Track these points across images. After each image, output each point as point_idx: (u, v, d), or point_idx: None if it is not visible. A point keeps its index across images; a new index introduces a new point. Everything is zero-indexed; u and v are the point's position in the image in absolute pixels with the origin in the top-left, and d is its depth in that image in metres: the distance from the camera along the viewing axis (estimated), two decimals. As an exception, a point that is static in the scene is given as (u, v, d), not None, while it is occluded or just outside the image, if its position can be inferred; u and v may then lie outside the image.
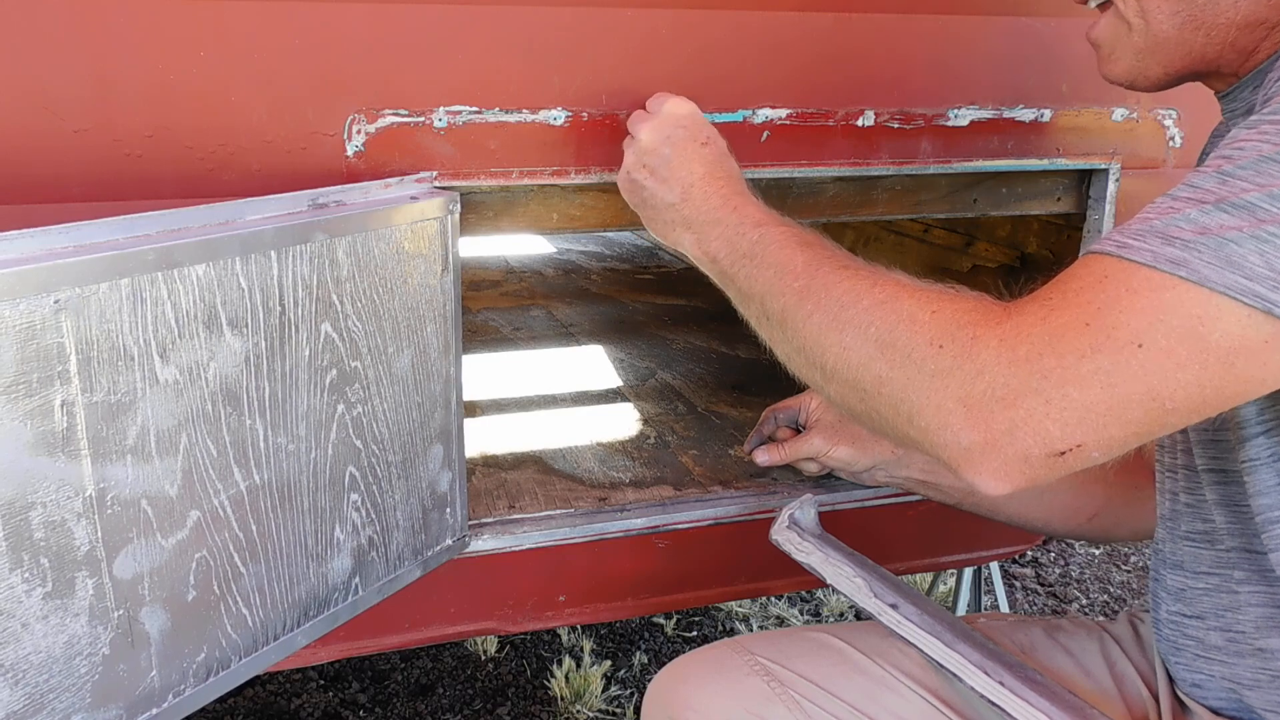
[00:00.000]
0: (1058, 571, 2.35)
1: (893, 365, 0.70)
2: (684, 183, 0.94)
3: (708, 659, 0.94)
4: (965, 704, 0.87)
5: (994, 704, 0.82)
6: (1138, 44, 0.81)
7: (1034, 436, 0.63)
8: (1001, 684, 0.82)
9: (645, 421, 1.65)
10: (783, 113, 1.15)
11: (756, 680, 0.89)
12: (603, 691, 1.83)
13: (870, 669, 0.90)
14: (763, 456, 1.25)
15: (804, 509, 1.05)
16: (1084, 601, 2.24)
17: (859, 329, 0.73)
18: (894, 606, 0.91)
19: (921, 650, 0.88)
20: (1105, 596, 2.26)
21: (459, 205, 1.03)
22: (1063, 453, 0.63)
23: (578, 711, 1.78)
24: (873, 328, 0.72)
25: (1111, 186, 1.31)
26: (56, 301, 0.71)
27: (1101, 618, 1.02)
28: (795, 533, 1.03)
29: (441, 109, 1.03)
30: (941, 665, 0.86)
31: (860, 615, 2.11)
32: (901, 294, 0.74)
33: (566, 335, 2.21)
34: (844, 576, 0.97)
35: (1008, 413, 0.63)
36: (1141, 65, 0.83)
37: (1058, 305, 0.65)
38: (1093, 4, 0.86)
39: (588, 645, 1.95)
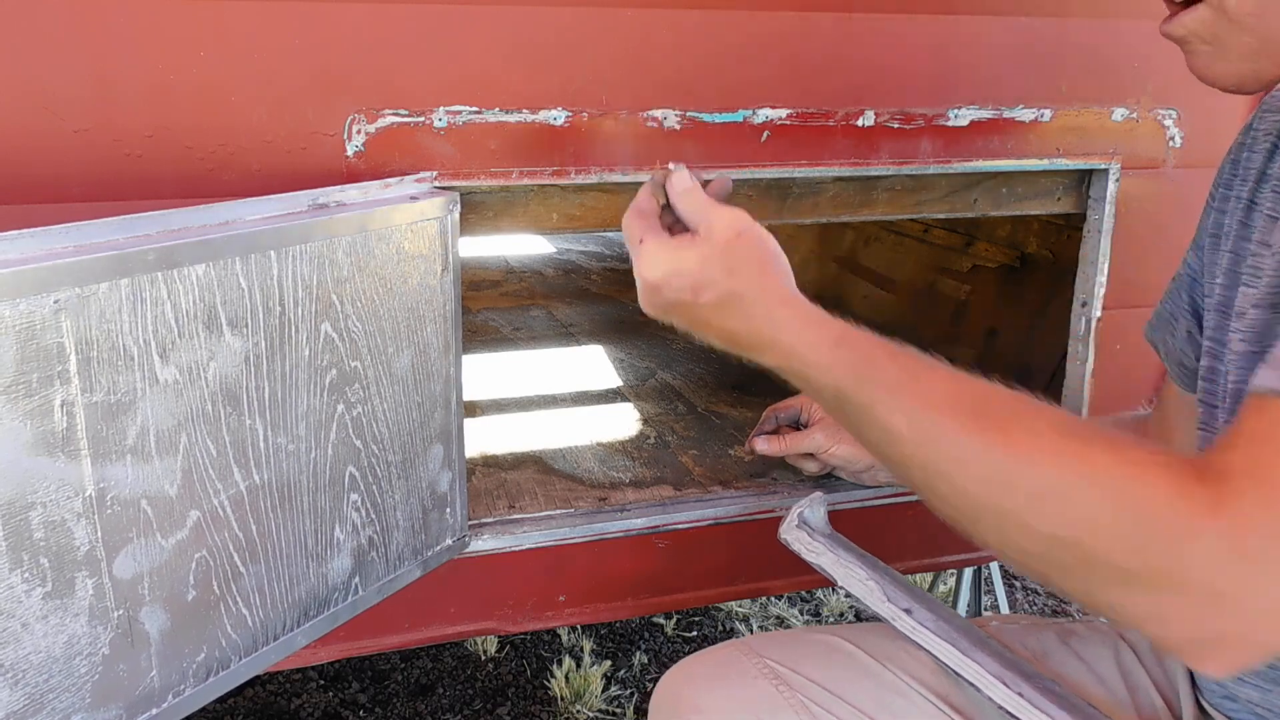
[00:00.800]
0: (1058, 571, 2.35)
1: (1081, 566, 0.58)
2: (722, 340, 0.77)
3: (715, 661, 0.92)
4: (975, 710, 0.86)
5: (1012, 715, 0.80)
6: (1251, 45, 0.70)
7: (1274, 631, 0.56)
8: (1020, 695, 0.80)
9: (645, 421, 1.65)
10: (783, 113, 1.15)
11: (765, 684, 0.87)
12: (603, 691, 1.83)
13: (880, 673, 0.89)
14: (763, 445, 1.25)
15: (814, 508, 1.03)
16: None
17: (1022, 529, 0.60)
18: (908, 611, 0.89)
19: (937, 658, 0.86)
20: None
21: (459, 205, 1.03)
22: None
23: (578, 711, 1.78)
24: (1043, 526, 0.59)
25: (1111, 186, 1.31)
26: (56, 301, 0.71)
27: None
28: (805, 532, 1.01)
29: (441, 109, 1.03)
30: (958, 674, 0.84)
31: (861, 616, 2.11)
32: (1063, 479, 0.58)
33: (566, 335, 2.21)
34: (856, 580, 0.94)
35: (1241, 610, 0.55)
36: (1256, 68, 0.71)
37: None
38: None
39: (588, 645, 1.95)
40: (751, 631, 2.04)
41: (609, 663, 1.91)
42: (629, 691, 1.85)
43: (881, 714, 0.86)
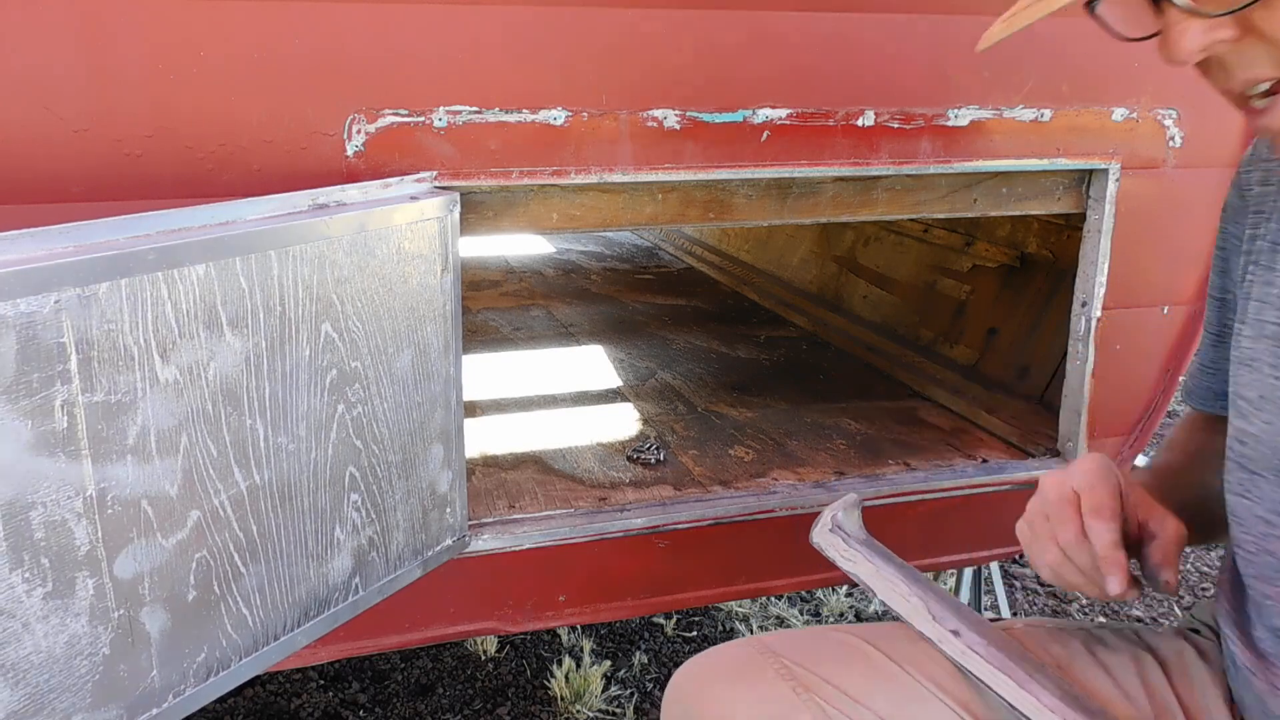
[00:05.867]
0: (1058, 571, 2.35)
1: None
2: None
3: (732, 659, 0.89)
4: (994, 716, 0.84)
5: None
6: None
7: None
8: None
9: (645, 421, 1.65)
10: (783, 113, 1.15)
11: (783, 685, 0.83)
12: (603, 691, 1.83)
13: (899, 677, 0.85)
14: (1168, 575, 0.79)
15: (848, 511, 0.95)
16: (1083, 601, 2.23)
17: None
18: (956, 634, 0.84)
19: (988, 686, 0.81)
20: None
21: (459, 205, 1.03)
22: None
23: (578, 711, 1.78)
24: None
25: (1111, 186, 1.31)
26: (57, 301, 0.71)
27: (1141, 626, 0.96)
28: (840, 538, 0.93)
29: (441, 109, 1.03)
30: (1013, 707, 0.79)
31: (861, 616, 2.11)
32: None
33: (566, 335, 2.21)
34: (898, 595, 0.87)
35: None
36: None
37: None
38: (1255, 92, 0.64)
39: (588, 645, 1.95)
40: (752, 632, 2.04)
41: (609, 663, 1.91)
42: (629, 691, 1.85)
43: (899, 718, 0.82)
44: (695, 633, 2.05)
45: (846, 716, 0.82)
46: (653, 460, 1.46)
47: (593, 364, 2.00)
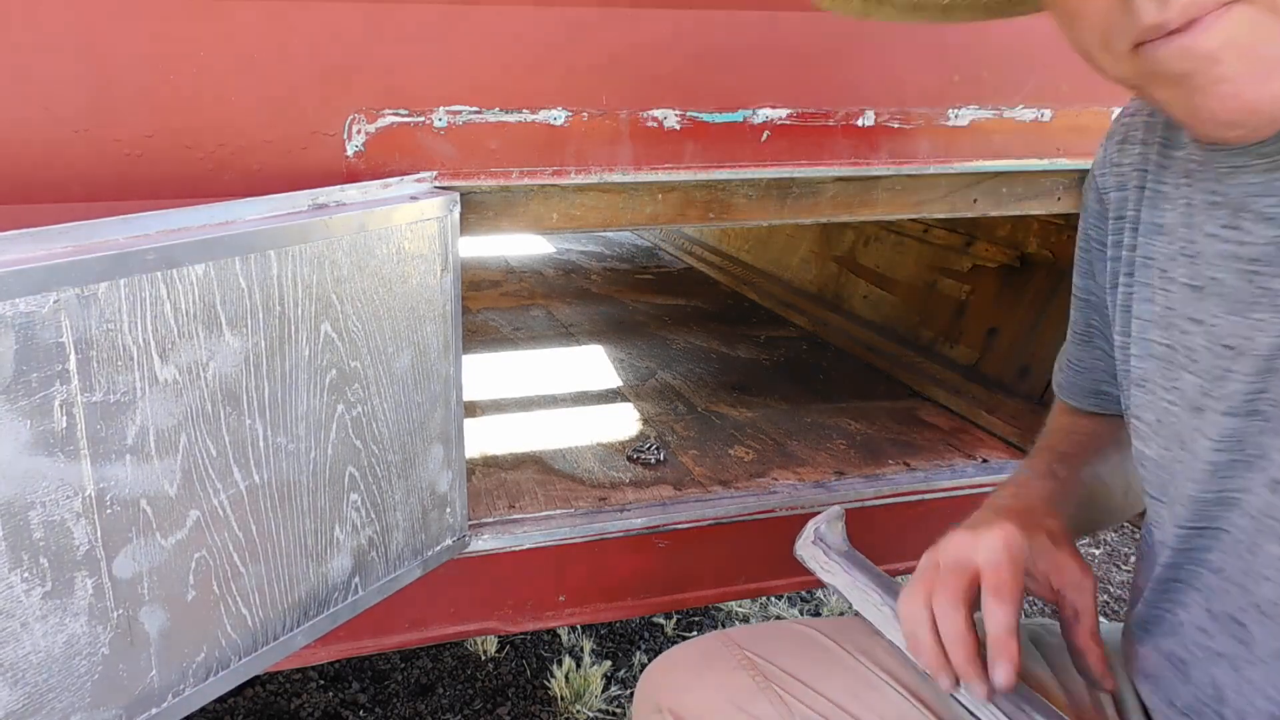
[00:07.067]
0: (1058, 572, 2.35)
1: None
2: None
3: (696, 652, 0.94)
4: (943, 704, 0.87)
5: None
6: None
7: None
8: None
9: (645, 421, 1.65)
10: (783, 113, 1.15)
11: (743, 674, 0.89)
12: (603, 691, 1.83)
13: (854, 666, 0.91)
14: (1107, 684, 0.80)
15: (831, 524, 1.00)
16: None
17: None
18: None
19: (953, 696, 0.84)
20: (1105, 596, 2.25)
21: (459, 205, 1.03)
22: None
23: (578, 711, 1.78)
24: None
25: (1111, 186, 1.31)
26: (56, 301, 0.71)
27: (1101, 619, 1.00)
28: (820, 550, 0.98)
29: (441, 109, 1.03)
30: (973, 714, 0.82)
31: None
32: None
33: (566, 335, 2.21)
34: (870, 604, 0.92)
35: None
36: None
37: None
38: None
39: (588, 645, 1.95)
40: (751, 631, 2.04)
41: (609, 663, 1.91)
42: (629, 691, 1.85)
43: (852, 704, 0.87)
44: (695, 633, 2.05)
45: (802, 702, 0.87)
46: (653, 460, 1.46)
47: (593, 364, 2.00)
